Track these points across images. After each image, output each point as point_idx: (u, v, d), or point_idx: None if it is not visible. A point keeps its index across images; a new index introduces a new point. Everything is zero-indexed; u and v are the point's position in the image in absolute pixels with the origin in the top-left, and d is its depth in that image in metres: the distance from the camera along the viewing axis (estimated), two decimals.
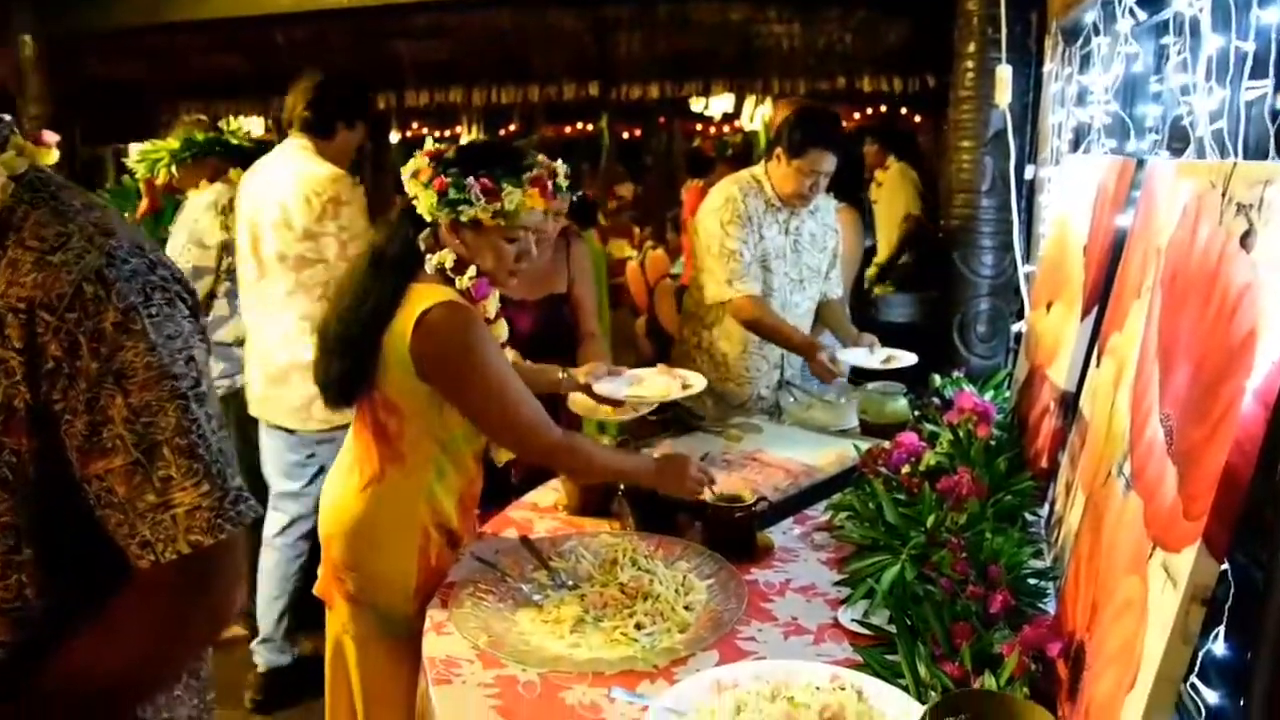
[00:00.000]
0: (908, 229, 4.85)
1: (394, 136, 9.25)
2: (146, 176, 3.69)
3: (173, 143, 3.61)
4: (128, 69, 5.50)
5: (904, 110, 6.66)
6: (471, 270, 1.87)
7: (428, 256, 1.88)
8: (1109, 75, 2.36)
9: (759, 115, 7.52)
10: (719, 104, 7.13)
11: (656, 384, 2.50)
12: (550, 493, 2.39)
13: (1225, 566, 1.15)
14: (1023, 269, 3.05)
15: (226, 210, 3.38)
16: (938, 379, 2.86)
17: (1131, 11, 2.05)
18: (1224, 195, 1.19)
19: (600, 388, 2.40)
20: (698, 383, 2.52)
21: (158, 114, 5.30)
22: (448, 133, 9.43)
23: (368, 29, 5.09)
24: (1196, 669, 1.25)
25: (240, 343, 3.36)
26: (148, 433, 1.00)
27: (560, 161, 1.97)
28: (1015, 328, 3.33)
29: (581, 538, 2.00)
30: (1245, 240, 1.09)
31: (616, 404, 2.41)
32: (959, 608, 1.57)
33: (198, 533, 1.01)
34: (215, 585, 1.06)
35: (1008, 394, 2.82)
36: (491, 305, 1.97)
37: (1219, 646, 1.23)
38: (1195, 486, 1.07)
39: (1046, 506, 2.13)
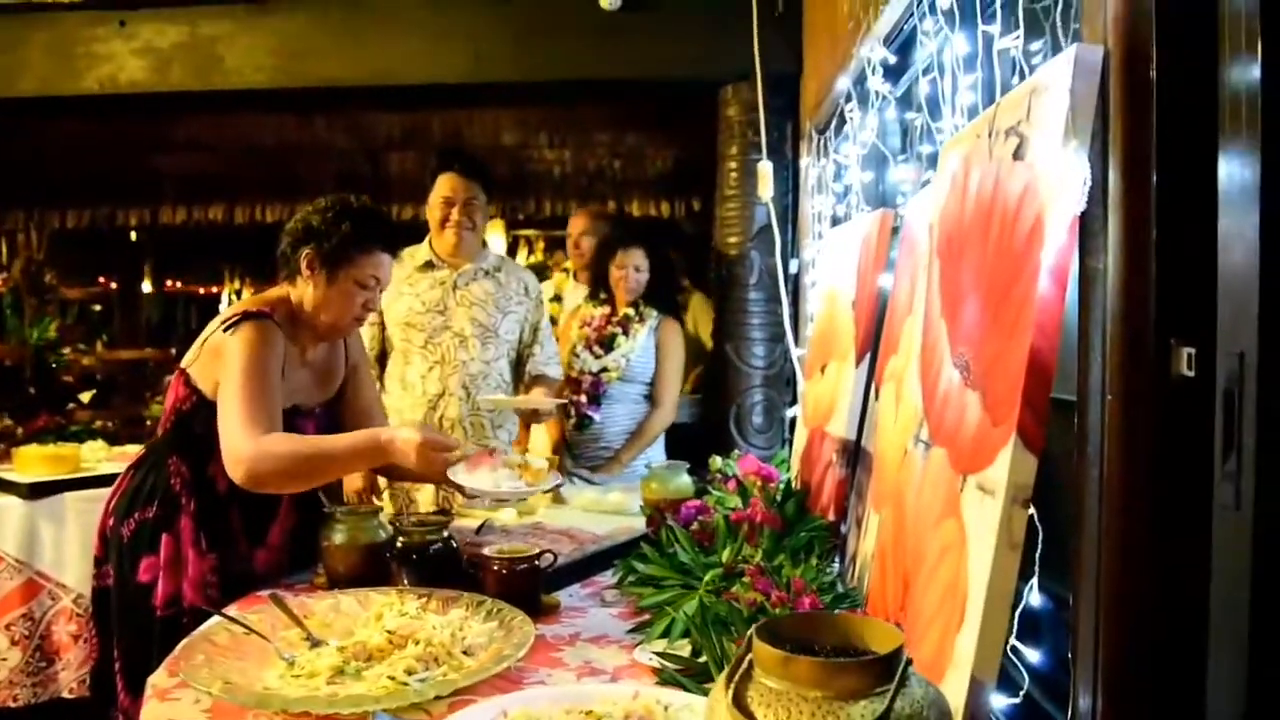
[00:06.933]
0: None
1: None
2: None
3: None
4: None
5: None
6: None
7: None
8: (859, 145, 2.50)
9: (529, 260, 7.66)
10: (495, 244, 7.17)
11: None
12: (308, 575, 2.10)
13: (1032, 511, 1.10)
14: (795, 352, 3.12)
15: None
16: (718, 460, 2.82)
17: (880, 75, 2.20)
18: (990, 134, 1.22)
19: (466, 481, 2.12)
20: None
21: None
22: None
23: (120, 140, 4.77)
24: (1014, 631, 1.18)
25: None
26: None
27: None
28: (790, 414, 3.38)
29: (341, 595, 1.73)
30: (1018, 154, 1.10)
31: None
32: (766, 618, 1.45)
33: None
34: None
35: (787, 469, 2.81)
36: None
37: (1035, 598, 1.17)
38: (1000, 391, 1.02)
39: (839, 558, 2.08)
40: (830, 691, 0.77)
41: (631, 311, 3.42)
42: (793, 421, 3.41)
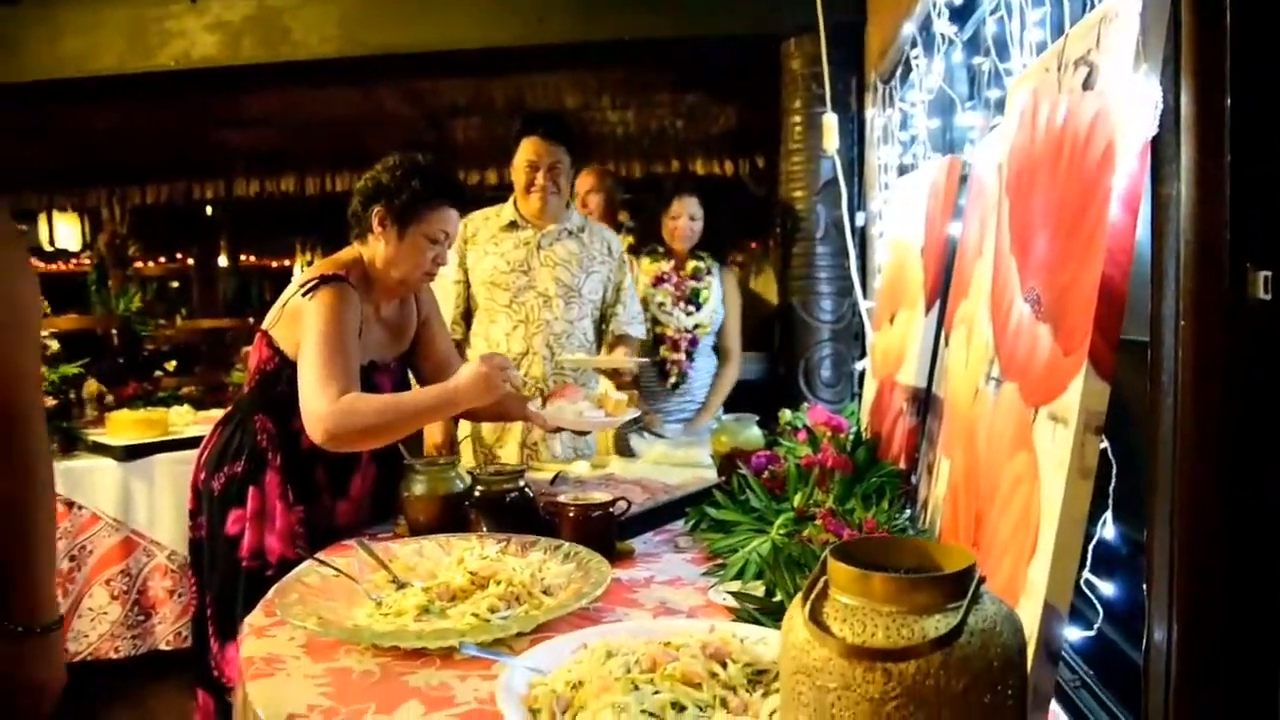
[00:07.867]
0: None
1: None
2: None
3: None
4: None
5: None
6: None
7: None
8: (925, 91, 2.47)
9: None
10: None
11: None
12: (389, 526, 2.18)
13: (1105, 445, 1.10)
14: (864, 304, 3.11)
15: None
16: (788, 413, 2.83)
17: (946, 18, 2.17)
18: (1060, 66, 1.20)
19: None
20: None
21: None
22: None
23: (194, 117, 4.92)
24: (1088, 564, 1.18)
25: None
26: None
27: None
28: (859, 366, 3.37)
29: (424, 541, 1.80)
30: (1088, 83, 1.09)
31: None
32: None
33: None
34: None
35: (857, 421, 2.82)
36: None
37: (1109, 532, 1.17)
38: (1072, 320, 1.02)
39: (909, 505, 2.08)
40: (905, 606, 0.79)
41: (700, 264, 3.47)
42: (861, 375, 3.41)
